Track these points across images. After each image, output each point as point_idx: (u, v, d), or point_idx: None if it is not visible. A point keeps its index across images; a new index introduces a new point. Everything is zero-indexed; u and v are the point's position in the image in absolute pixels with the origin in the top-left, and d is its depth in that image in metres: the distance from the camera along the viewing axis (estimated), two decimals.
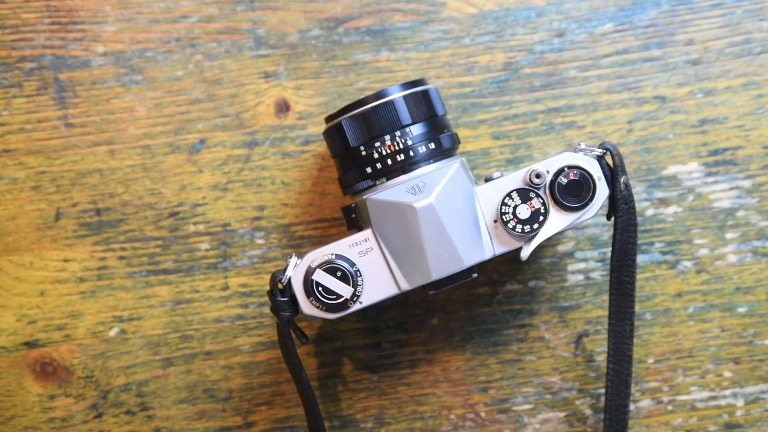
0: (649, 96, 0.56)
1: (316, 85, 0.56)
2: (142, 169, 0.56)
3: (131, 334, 0.56)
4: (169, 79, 0.56)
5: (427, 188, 0.47)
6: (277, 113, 0.56)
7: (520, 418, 0.55)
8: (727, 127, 0.55)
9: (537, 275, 0.56)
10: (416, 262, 0.47)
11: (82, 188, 0.56)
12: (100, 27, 0.57)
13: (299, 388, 0.50)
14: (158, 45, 0.57)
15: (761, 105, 0.55)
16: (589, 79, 0.56)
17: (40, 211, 0.56)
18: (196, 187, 0.56)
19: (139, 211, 0.56)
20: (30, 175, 0.56)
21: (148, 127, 0.56)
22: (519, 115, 0.56)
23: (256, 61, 0.56)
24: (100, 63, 0.57)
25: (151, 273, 0.56)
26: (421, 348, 0.56)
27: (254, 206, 0.56)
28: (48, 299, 0.56)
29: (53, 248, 0.56)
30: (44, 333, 0.56)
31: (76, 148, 0.56)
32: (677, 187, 0.55)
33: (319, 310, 0.47)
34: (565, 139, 0.56)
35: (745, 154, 0.55)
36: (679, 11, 0.56)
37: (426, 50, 0.56)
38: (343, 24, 0.56)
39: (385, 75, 0.56)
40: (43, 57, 0.57)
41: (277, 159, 0.56)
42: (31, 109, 0.57)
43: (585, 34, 0.56)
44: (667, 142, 0.55)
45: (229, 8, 0.56)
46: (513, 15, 0.56)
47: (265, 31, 0.56)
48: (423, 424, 0.56)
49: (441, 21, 0.56)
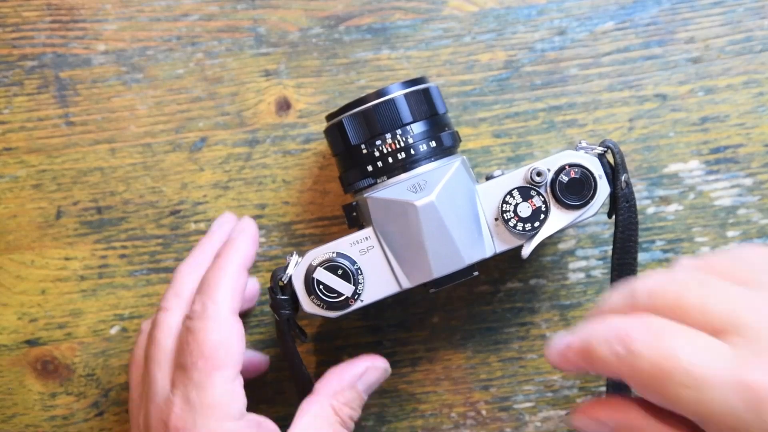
0: (650, 94, 0.56)
1: (317, 84, 0.56)
2: (143, 168, 0.56)
3: (132, 333, 0.56)
4: (170, 77, 0.56)
5: (428, 186, 0.47)
6: (278, 111, 0.56)
7: (521, 416, 0.55)
8: (728, 125, 0.55)
9: (538, 273, 0.56)
10: (417, 261, 0.47)
11: (83, 186, 0.56)
12: (101, 25, 0.57)
13: (298, 386, 0.50)
14: (159, 43, 0.57)
15: (762, 103, 0.55)
16: (590, 77, 0.56)
17: (41, 209, 0.56)
18: (197, 185, 0.56)
19: (140, 209, 0.56)
20: (31, 173, 0.56)
21: (149, 125, 0.56)
22: (520, 113, 0.56)
23: (257, 60, 0.56)
24: (101, 61, 0.57)
25: (152, 271, 0.56)
26: (422, 346, 0.56)
27: (255, 204, 0.56)
28: (49, 297, 0.56)
29: (54, 246, 0.56)
30: (45, 331, 0.56)
31: (77, 146, 0.56)
32: (678, 185, 0.55)
33: (320, 308, 0.47)
34: (566, 137, 0.56)
35: (746, 152, 0.55)
36: (680, 9, 0.56)
37: (427, 48, 0.56)
38: (344, 22, 0.56)
39: (386, 73, 0.56)
40: (44, 55, 0.57)
41: (278, 157, 0.56)
42: (32, 107, 0.57)
43: (586, 32, 0.56)
44: (668, 140, 0.55)
45: (230, 6, 0.56)
46: (514, 13, 0.56)
47: (266, 29, 0.56)
48: (424, 422, 0.56)
49: (442, 19, 0.56)
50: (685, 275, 0.41)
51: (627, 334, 0.39)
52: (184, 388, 0.44)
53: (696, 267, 0.41)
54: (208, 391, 0.44)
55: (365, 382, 0.49)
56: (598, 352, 0.39)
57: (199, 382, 0.44)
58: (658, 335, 0.38)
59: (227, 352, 0.45)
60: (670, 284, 0.40)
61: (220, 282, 0.47)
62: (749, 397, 0.36)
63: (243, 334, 0.46)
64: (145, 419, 0.46)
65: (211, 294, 0.46)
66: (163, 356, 0.46)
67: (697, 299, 0.39)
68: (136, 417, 0.48)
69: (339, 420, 0.47)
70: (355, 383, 0.48)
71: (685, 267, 0.41)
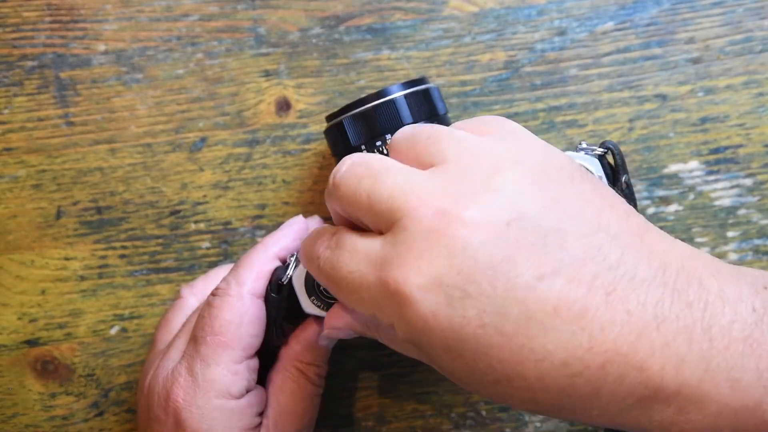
0: (650, 94, 0.56)
1: (317, 84, 0.56)
2: (143, 168, 0.56)
3: (132, 333, 0.56)
4: (170, 77, 0.56)
5: None
6: (278, 112, 0.56)
7: (521, 417, 0.55)
8: (728, 126, 0.55)
9: None
10: None
11: (83, 186, 0.56)
12: (101, 25, 0.57)
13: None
14: (159, 43, 0.57)
15: (762, 103, 0.55)
16: (590, 77, 0.56)
17: (41, 209, 0.56)
18: (197, 185, 0.56)
19: (140, 209, 0.56)
20: (31, 173, 0.56)
21: (149, 125, 0.56)
22: (520, 114, 0.56)
23: (256, 60, 0.56)
24: (101, 61, 0.57)
25: (152, 271, 0.56)
26: None
27: (255, 205, 0.56)
28: (49, 297, 0.56)
29: (54, 247, 0.56)
30: (45, 331, 0.56)
31: (77, 146, 0.56)
32: (678, 186, 0.55)
33: (320, 309, 0.47)
34: (566, 137, 0.56)
35: (746, 153, 0.55)
36: (680, 10, 0.56)
37: (427, 49, 0.56)
38: (344, 22, 0.56)
39: (386, 73, 0.56)
40: (44, 55, 0.57)
41: (278, 157, 0.56)
42: (32, 107, 0.57)
43: (586, 33, 0.56)
44: (668, 140, 0.55)
45: (230, 7, 0.56)
46: (514, 13, 0.56)
47: (266, 29, 0.56)
48: (424, 422, 0.56)
49: (442, 20, 0.56)
50: (362, 163, 0.39)
51: (314, 250, 0.40)
52: (191, 360, 0.45)
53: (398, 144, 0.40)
54: (211, 367, 0.44)
55: (326, 337, 0.48)
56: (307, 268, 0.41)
57: (205, 356, 0.45)
58: (332, 248, 0.39)
59: (237, 332, 0.45)
60: (346, 177, 0.39)
61: (248, 264, 0.47)
62: (389, 296, 0.35)
63: (260, 317, 0.46)
64: (153, 379, 0.47)
65: (236, 274, 0.47)
66: (190, 326, 0.48)
67: (365, 192, 0.38)
68: (146, 373, 0.48)
69: (306, 377, 0.48)
70: (314, 341, 0.48)
71: (363, 161, 0.39)
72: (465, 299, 0.34)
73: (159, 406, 0.45)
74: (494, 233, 0.34)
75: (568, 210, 0.36)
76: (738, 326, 0.34)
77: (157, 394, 0.46)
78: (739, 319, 0.34)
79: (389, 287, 0.35)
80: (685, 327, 0.34)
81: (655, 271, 0.35)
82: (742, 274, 0.36)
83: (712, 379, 0.33)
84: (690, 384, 0.33)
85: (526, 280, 0.34)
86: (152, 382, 0.47)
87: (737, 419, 0.33)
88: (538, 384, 0.34)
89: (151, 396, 0.46)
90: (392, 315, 0.36)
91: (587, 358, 0.34)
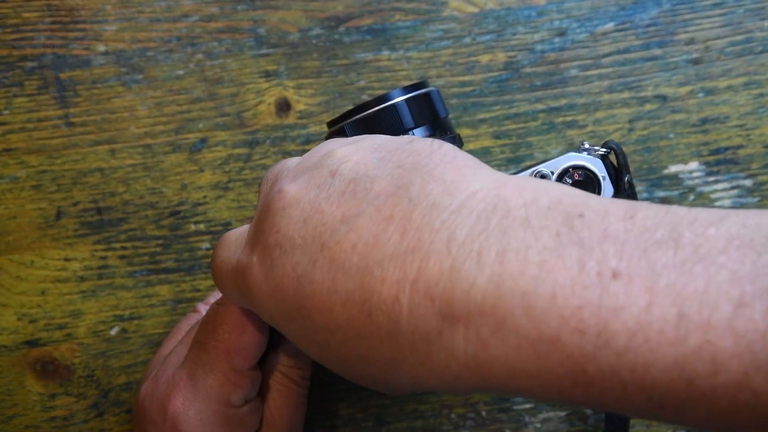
0: (650, 95, 0.56)
1: (316, 85, 0.56)
2: (143, 168, 0.56)
3: (132, 333, 0.56)
4: (169, 78, 0.56)
5: None
6: (278, 112, 0.56)
7: (520, 417, 0.55)
8: (728, 127, 0.55)
9: None
10: None
11: (83, 187, 0.56)
12: (101, 26, 0.57)
13: None
14: (159, 44, 0.56)
15: (762, 104, 0.55)
16: (590, 78, 0.56)
17: (41, 210, 0.56)
18: (197, 186, 0.56)
19: (140, 210, 0.56)
20: (31, 174, 0.56)
21: (149, 126, 0.56)
22: (520, 115, 0.56)
23: (256, 60, 0.56)
24: (101, 62, 0.56)
25: (152, 272, 0.56)
26: None
27: (255, 205, 0.56)
28: (49, 298, 0.56)
29: (54, 247, 0.56)
30: (45, 332, 0.56)
31: (77, 147, 0.56)
32: (678, 187, 0.55)
33: None
34: (566, 138, 0.56)
35: (746, 154, 0.55)
36: (680, 10, 0.56)
37: (427, 49, 0.56)
38: (344, 23, 0.56)
39: (386, 74, 0.56)
40: (44, 56, 0.57)
41: (278, 158, 0.56)
42: (32, 108, 0.56)
43: (586, 34, 0.56)
44: (668, 141, 0.56)
45: (230, 7, 0.56)
46: (514, 14, 0.56)
47: (265, 30, 0.56)
48: (424, 422, 0.56)
49: (442, 20, 0.56)
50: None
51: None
52: (193, 365, 0.45)
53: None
54: (211, 374, 0.44)
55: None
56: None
57: (206, 363, 0.45)
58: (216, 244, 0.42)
59: (239, 339, 0.45)
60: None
61: None
62: (241, 276, 0.37)
63: (263, 326, 0.46)
64: (153, 382, 0.47)
65: None
66: (194, 333, 0.48)
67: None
68: (147, 376, 0.48)
69: (290, 380, 0.48)
70: (292, 344, 0.48)
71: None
72: (283, 255, 0.35)
73: (157, 410, 0.45)
74: (310, 191, 0.36)
75: (385, 163, 0.36)
76: (535, 251, 0.30)
77: (157, 397, 0.46)
78: (538, 245, 0.31)
79: (238, 268, 0.37)
80: (478, 251, 0.31)
81: (461, 202, 0.33)
82: (564, 204, 0.32)
83: (505, 306, 0.30)
84: (483, 310, 0.30)
85: (332, 225, 0.34)
86: (152, 386, 0.47)
87: (538, 354, 0.30)
88: (352, 332, 0.33)
89: (150, 399, 0.46)
90: (245, 297, 0.38)
91: (383, 292, 0.32)
